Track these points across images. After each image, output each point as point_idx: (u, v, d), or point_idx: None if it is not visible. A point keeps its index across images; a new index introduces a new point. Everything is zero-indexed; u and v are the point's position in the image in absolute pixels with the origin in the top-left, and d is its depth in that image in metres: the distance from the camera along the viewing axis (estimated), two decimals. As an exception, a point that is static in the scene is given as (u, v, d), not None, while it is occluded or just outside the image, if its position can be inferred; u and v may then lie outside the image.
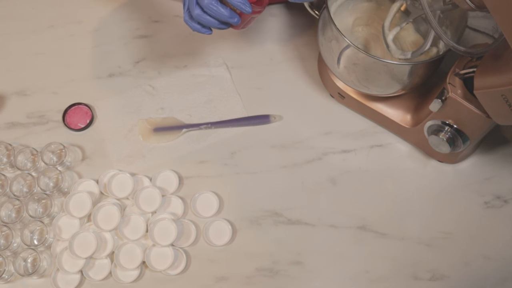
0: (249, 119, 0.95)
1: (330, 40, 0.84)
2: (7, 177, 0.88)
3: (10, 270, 0.82)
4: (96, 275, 0.83)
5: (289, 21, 1.05)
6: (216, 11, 0.71)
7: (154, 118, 0.95)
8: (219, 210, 0.89)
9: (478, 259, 0.86)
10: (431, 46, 0.81)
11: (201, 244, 0.87)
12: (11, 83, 0.98)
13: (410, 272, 0.85)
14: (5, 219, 0.85)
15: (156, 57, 1.01)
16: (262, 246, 0.87)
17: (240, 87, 0.99)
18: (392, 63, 0.79)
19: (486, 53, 0.73)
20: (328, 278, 0.85)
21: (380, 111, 0.92)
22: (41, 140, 0.92)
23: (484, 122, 0.78)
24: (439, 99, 0.79)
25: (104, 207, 0.86)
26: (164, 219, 0.85)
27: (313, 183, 0.91)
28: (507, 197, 0.90)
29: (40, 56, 1.01)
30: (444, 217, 0.89)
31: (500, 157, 0.93)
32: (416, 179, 0.92)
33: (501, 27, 0.61)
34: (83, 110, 0.96)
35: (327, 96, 0.98)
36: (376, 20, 0.92)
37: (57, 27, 1.03)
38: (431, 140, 0.85)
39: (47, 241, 0.85)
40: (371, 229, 0.88)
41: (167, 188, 0.89)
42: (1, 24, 1.04)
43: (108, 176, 0.89)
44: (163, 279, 0.84)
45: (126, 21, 1.05)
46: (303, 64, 1.01)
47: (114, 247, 0.84)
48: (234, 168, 0.92)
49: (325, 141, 0.94)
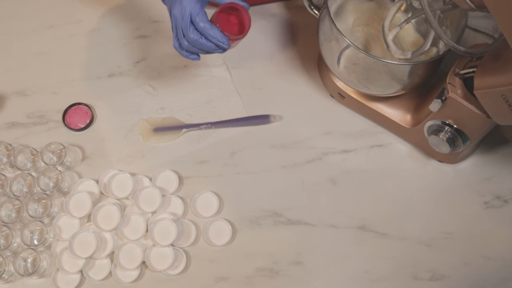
0: (249, 119, 0.95)
1: (330, 40, 0.84)
2: (7, 177, 0.88)
3: (10, 270, 0.82)
4: (96, 275, 0.83)
5: (289, 21, 1.05)
6: (202, 44, 0.75)
7: (154, 118, 0.95)
8: (219, 210, 0.89)
9: (478, 259, 0.86)
10: (431, 46, 0.81)
11: (201, 244, 0.87)
12: (11, 83, 0.98)
13: (410, 272, 0.85)
14: (5, 219, 0.85)
15: (156, 57, 1.01)
16: (262, 246, 0.87)
17: (240, 87, 0.99)
18: (392, 63, 0.79)
19: (486, 53, 0.73)
20: (328, 278, 0.85)
21: (380, 111, 0.92)
22: (41, 140, 0.92)
23: (484, 122, 0.78)
24: (439, 99, 0.79)
25: (104, 207, 0.86)
26: (164, 219, 0.85)
27: (313, 183, 0.91)
28: (507, 197, 0.90)
29: (40, 56, 1.01)
30: (444, 217, 0.89)
31: (500, 157, 0.93)
32: (416, 179, 0.92)
33: (501, 27, 0.61)
34: (83, 110, 0.96)
35: (327, 96, 0.98)
36: (376, 20, 0.92)
37: (57, 27, 1.03)
38: (431, 140, 0.85)
39: (47, 241, 0.85)
40: (371, 229, 0.88)
41: (167, 188, 0.89)
42: (1, 24, 1.04)
43: (108, 176, 0.89)
44: (163, 279, 0.84)
45: (126, 21, 1.05)
46: (303, 64, 1.01)
47: (114, 247, 0.84)
48: (234, 168, 0.92)
49: (325, 141, 0.94)
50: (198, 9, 0.74)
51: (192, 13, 0.73)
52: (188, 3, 0.73)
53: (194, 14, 0.73)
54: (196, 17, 0.74)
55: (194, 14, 0.73)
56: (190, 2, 0.73)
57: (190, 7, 0.73)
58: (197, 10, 0.74)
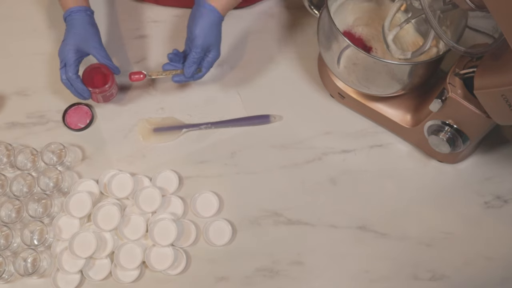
0: (249, 119, 0.95)
1: (330, 40, 0.84)
2: (7, 177, 0.88)
3: (10, 270, 0.82)
4: (96, 275, 0.83)
5: (289, 21, 1.05)
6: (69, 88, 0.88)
7: (154, 118, 0.95)
8: (219, 210, 0.89)
9: (478, 259, 0.86)
10: (431, 46, 0.81)
11: (201, 244, 0.87)
12: (11, 83, 0.98)
13: (410, 272, 0.85)
14: (5, 219, 0.85)
15: (156, 57, 1.01)
16: (262, 246, 0.87)
17: (240, 87, 0.99)
18: (392, 63, 0.79)
19: (486, 53, 0.73)
20: (328, 278, 0.85)
21: (380, 111, 0.92)
22: (41, 140, 0.92)
23: (484, 122, 0.78)
24: (439, 99, 0.79)
25: (104, 207, 0.86)
26: (164, 219, 0.85)
27: (313, 183, 0.91)
28: (507, 197, 0.90)
29: (40, 56, 1.01)
30: (444, 217, 0.89)
31: (500, 157, 0.93)
32: (416, 179, 0.92)
33: (501, 27, 0.61)
34: (83, 110, 0.96)
35: (327, 96, 0.98)
36: (376, 20, 0.92)
37: (57, 27, 1.03)
38: (431, 140, 0.85)
39: (47, 241, 0.85)
40: (371, 229, 0.88)
41: (167, 188, 0.89)
42: (1, 24, 1.04)
43: (108, 176, 0.89)
44: (163, 279, 0.84)
45: (126, 21, 1.05)
46: (303, 64, 1.01)
47: (114, 247, 0.84)
48: (234, 168, 0.92)
49: (325, 141, 0.94)
50: (72, 62, 0.87)
51: (66, 62, 0.87)
52: (68, 51, 0.87)
53: (68, 64, 0.87)
54: (68, 67, 0.86)
55: (68, 63, 0.87)
56: (69, 52, 0.86)
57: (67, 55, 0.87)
58: (70, 61, 0.87)
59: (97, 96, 0.92)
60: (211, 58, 0.89)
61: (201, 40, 0.85)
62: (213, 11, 0.85)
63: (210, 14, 0.85)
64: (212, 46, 0.87)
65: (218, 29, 0.87)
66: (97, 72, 0.91)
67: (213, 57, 0.89)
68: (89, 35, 0.89)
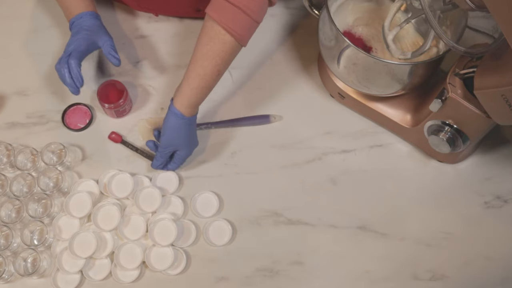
0: (249, 119, 0.95)
1: (330, 40, 0.84)
2: (7, 177, 0.88)
3: (10, 270, 0.82)
4: (96, 275, 0.83)
5: (289, 21, 1.05)
6: (61, 75, 0.86)
7: (154, 118, 0.95)
8: (219, 210, 0.89)
9: (478, 259, 0.86)
10: (431, 46, 0.81)
11: (201, 244, 0.87)
12: (11, 83, 0.98)
13: (410, 272, 0.85)
14: (5, 219, 0.85)
15: (156, 57, 1.01)
16: (262, 246, 0.87)
17: (240, 87, 0.99)
18: (392, 63, 0.79)
19: (486, 53, 0.73)
20: (328, 278, 0.85)
21: (380, 111, 0.92)
22: (41, 140, 0.92)
23: (484, 122, 0.78)
24: (439, 99, 0.79)
25: (104, 207, 0.86)
26: (164, 219, 0.85)
27: (313, 183, 0.91)
28: (507, 197, 0.90)
29: (40, 56, 1.01)
30: (444, 217, 0.89)
31: (500, 157, 0.93)
32: (416, 179, 0.92)
33: (501, 27, 0.61)
34: (83, 110, 0.96)
35: (327, 96, 0.98)
36: (376, 20, 0.92)
37: (57, 27, 1.03)
38: (431, 140, 0.85)
39: (47, 241, 0.85)
40: (371, 229, 0.88)
41: (167, 188, 0.89)
42: (1, 24, 1.04)
43: (108, 176, 0.89)
44: (163, 279, 0.84)
45: (126, 21, 1.05)
46: (303, 64, 1.01)
47: (114, 247, 0.84)
48: (234, 168, 0.92)
49: (325, 141, 0.94)
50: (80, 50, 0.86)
51: (74, 50, 0.86)
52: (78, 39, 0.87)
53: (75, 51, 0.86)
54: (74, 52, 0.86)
55: (75, 51, 0.86)
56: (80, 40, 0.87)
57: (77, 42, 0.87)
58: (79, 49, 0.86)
59: (111, 111, 0.93)
60: (179, 155, 0.88)
61: (167, 141, 0.85)
62: (176, 115, 0.83)
63: (173, 117, 0.83)
64: (180, 146, 0.86)
65: (186, 130, 0.85)
66: (112, 88, 0.93)
67: (183, 155, 0.88)
68: (100, 30, 0.90)
